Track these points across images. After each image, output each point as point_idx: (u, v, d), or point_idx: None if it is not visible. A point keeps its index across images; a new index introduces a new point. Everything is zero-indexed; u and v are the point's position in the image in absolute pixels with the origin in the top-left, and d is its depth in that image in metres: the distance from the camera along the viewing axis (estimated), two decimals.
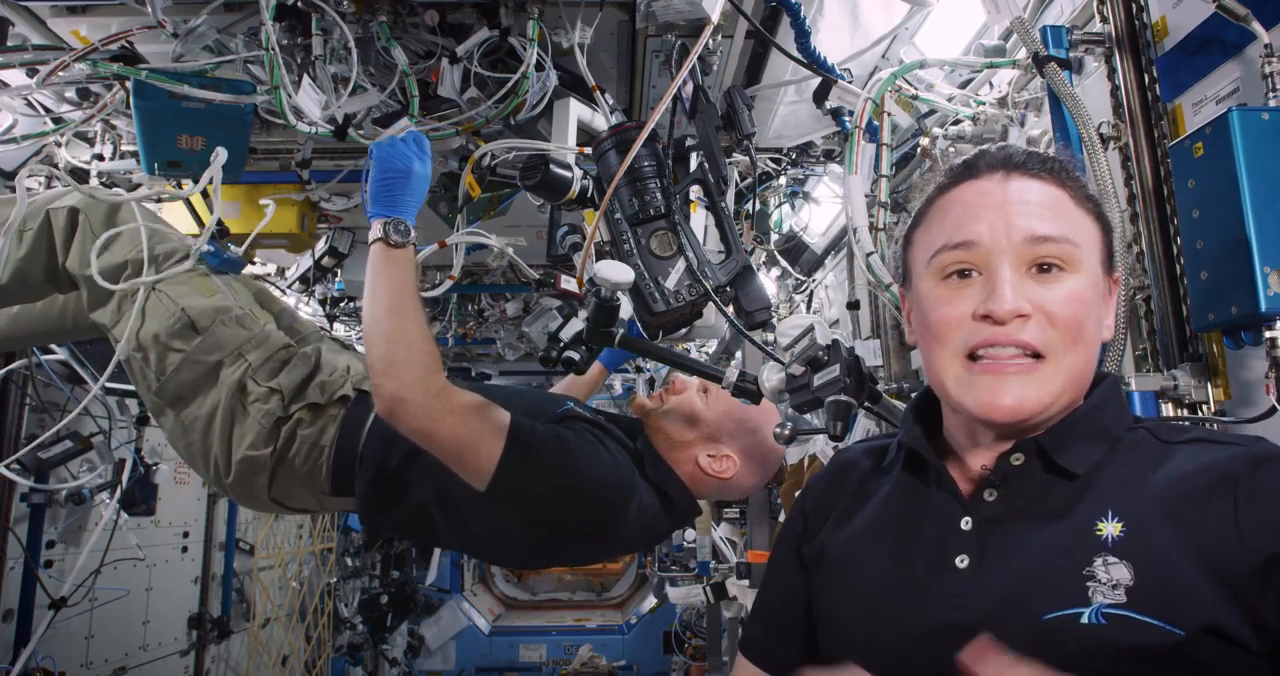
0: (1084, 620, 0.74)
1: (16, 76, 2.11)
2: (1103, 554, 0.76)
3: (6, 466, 2.36)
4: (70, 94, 2.21)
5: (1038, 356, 0.82)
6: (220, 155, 1.80)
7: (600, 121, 2.05)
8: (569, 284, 2.55)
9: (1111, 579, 0.75)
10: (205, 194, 2.36)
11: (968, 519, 0.86)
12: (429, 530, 1.71)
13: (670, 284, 1.59)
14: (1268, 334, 1.18)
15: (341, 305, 4.06)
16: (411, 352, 1.46)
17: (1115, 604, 0.74)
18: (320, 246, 3.22)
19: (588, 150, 1.78)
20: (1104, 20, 1.65)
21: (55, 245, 1.84)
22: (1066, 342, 0.82)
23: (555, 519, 1.60)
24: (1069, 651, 0.74)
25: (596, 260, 1.60)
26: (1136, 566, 0.75)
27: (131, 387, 1.95)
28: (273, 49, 1.73)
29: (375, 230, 1.53)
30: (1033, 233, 0.84)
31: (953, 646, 0.81)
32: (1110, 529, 0.78)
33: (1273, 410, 1.19)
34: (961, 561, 0.84)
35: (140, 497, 3.66)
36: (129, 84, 1.93)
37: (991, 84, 2.13)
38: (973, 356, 0.84)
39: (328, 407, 1.74)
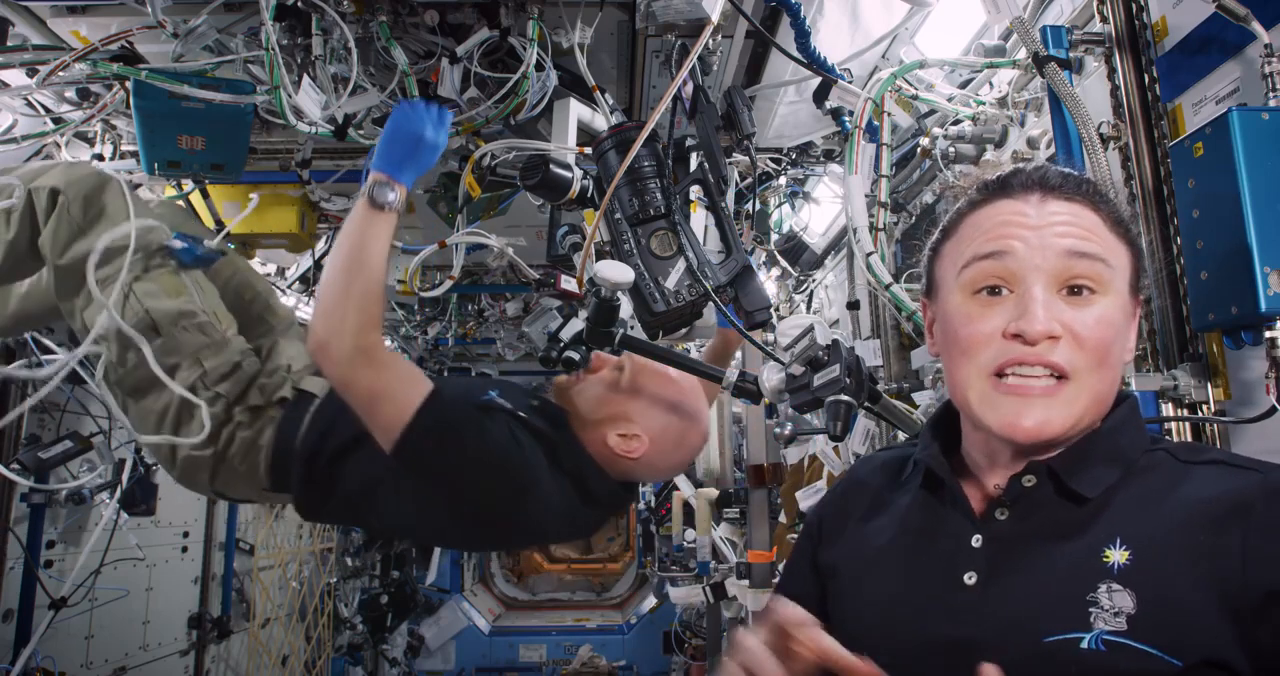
0: (1084, 645, 0.75)
1: (16, 76, 2.11)
2: (1107, 581, 0.77)
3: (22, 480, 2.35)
4: (70, 94, 2.22)
5: (1062, 377, 0.82)
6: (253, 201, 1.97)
7: (600, 121, 2.05)
8: (569, 284, 2.55)
9: (1114, 606, 0.75)
10: (205, 193, 2.38)
11: (978, 536, 0.87)
12: (359, 518, 1.76)
13: (670, 284, 1.59)
14: (1268, 334, 1.18)
15: None
16: (348, 308, 1.49)
17: (1116, 631, 0.74)
18: (320, 246, 3.22)
19: (588, 150, 1.78)
20: (1104, 20, 1.65)
21: (38, 222, 1.85)
22: (1092, 365, 0.82)
23: (458, 496, 1.61)
24: (1069, 675, 0.74)
25: (596, 260, 1.60)
26: (1140, 595, 0.75)
27: None
28: (273, 49, 1.73)
29: (366, 182, 1.57)
30: (1068, 251, 0.84)
31: (957, 662, 0.81)
32: (1117, 556, 0.78)
33: (1273, 410, 1.19)
34: (970, 578, 0.85)
35: (140, 497, 3.66)
36: (129, 84, 1.93)
37: (991, 84, 2.13)
38: (999, 374, 0.84)
39: (266, 409, 1.78)
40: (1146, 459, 0.87)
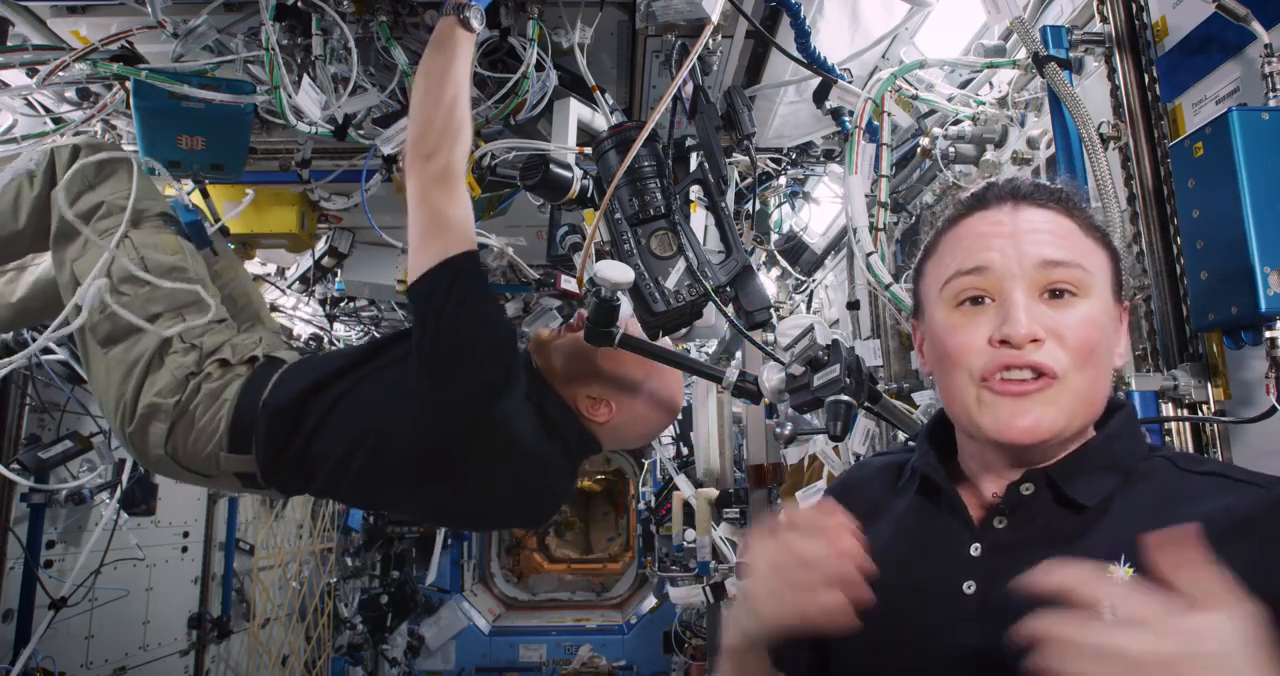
0: None
1: (16, 76, 2.11)
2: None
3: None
4: (70, 94, 2.22)
5: (1051, 376, 0.83)
6: (249, 196, 2.12)
7: (600, 121, 2.05)
8: (569, 284, 2.56)
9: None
10: (205, 193, 2.38)
11: (976, 545, 0.87)
12: (319, 463, 1.70)
13: (670, 284, 1.59)
14: (1268, 334, 1.18)
15: (341, 305, 4.05)
16: (449, 128, 1.52)
17: None
18: (320, 246, 3.22)
19: (588, 150, 1.78)
20: (1104, 20, 1.65)
21: (57, 179, 1.89)
22: (1077, 363, 0.83)
23: (432, 375, 1.54)
24: None
25: (596, 260, 1.60)
26: None
27: None
28: (273, 49, 1.73)
29: (445, 9, 1.59)
30: (1044, 258, 0.85)
31: (957, 672, 0.81)
32: (1120, 573, 0.77)
33: (1273, 410, 1.20)
34: (969, 587, 0.85)
35: (140, 497, 3.66)
36: (129, 84, 1.93)
37: (991, 84, 2.13)
38: (989, 380, 0.85)
39: (236, 366, 1.81)
40: (1145, 465, 0.87)
